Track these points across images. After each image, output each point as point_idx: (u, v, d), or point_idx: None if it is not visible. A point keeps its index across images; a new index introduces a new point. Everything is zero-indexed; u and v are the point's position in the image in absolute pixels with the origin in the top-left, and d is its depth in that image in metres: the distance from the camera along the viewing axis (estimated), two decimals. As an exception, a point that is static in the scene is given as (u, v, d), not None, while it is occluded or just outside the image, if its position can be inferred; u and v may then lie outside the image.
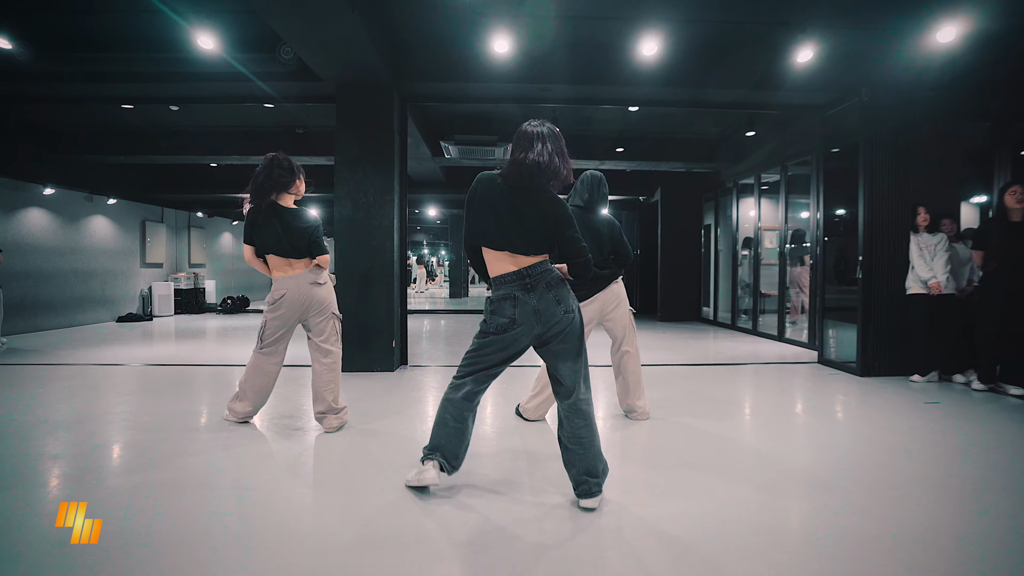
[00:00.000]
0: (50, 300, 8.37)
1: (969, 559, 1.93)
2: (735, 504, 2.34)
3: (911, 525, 2.17)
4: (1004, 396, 4.34)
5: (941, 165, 5.18)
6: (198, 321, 10.22)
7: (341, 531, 2.08)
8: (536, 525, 2.13)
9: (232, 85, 5.15)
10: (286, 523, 2.16)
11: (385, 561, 1.86)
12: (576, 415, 2.24)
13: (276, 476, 2.66)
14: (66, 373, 5.09)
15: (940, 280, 4.70)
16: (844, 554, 1.93)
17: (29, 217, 8.07)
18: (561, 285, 2.23)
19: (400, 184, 5.32)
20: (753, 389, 4.79)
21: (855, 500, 2.39)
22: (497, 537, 2.04)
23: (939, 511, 2.31)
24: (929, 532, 2.11)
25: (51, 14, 4.53)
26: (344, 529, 2.09)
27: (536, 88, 5.22)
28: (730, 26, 4.76)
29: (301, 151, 7.99)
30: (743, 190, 8.75)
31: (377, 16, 4.41)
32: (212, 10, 4.33)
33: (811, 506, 2.36)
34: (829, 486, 2.55)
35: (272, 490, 2.48)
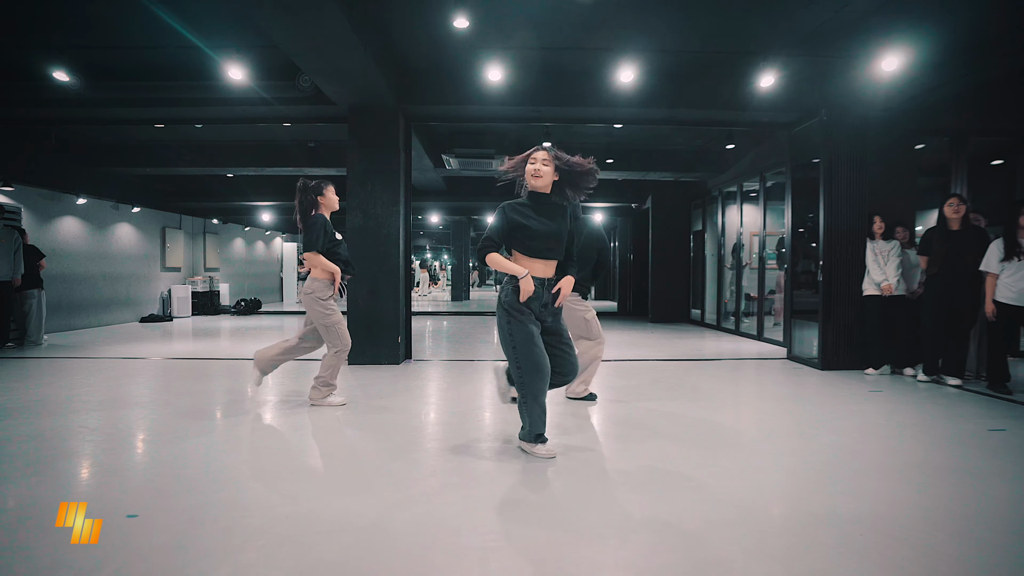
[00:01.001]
0: (82, 302, 9.01)
1: (853, 501, 2.48)
2: (672, 457, 2.90)
3: (800, 479, 2.72)
4: (944, 386, 4.85)
5: (897, 178, 5.72)
6: (214, 322, 10.84)
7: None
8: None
9: (255, 108, 5.75)
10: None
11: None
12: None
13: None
14: (104, 365, 5.70)
15: (891, 283, 5.22)
16: (737, 491, 2.49)
17: (64, 225, 8.72)
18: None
19: (405, 196, 5.91)
20: (716, 379, 5.31)
21: (767, 456, 2.95)
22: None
23: (821, 468, 2.86)
24: (811, 482, 2.66)
25: (102, 50, 5.15)
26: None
27: (527, 109, 5.81)
28: (699, 55, 5.33)
29: (313, 163, 8.60)
30: (727, 198, 9.30)
31: (385, 50, 5.01)
32: (242, 44, 4.93)
33: (733, 461, 2.91)
34: (750, 446, 3.11)
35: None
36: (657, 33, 4.90)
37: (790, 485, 2.64)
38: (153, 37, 4.88)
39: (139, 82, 5.42)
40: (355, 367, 5.56)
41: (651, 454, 3.03)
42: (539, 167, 2.82)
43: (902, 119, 5.63)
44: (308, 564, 1.85)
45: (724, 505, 2.35)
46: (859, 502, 2.40)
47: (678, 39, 5.04)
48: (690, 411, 3.98)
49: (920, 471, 2.82)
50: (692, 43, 5.12)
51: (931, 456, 3.05)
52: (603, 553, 1.96)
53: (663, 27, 4.79)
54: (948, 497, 2.48)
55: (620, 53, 5.09)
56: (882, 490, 2.56)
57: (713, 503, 2.37)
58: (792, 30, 4.75)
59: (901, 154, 5.73)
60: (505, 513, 2.28)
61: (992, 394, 4.50)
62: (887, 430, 3.56)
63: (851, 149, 5.56)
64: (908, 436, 3.43)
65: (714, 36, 5.05)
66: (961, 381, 4.85)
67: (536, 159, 2.84)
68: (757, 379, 5.38)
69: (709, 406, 4.15)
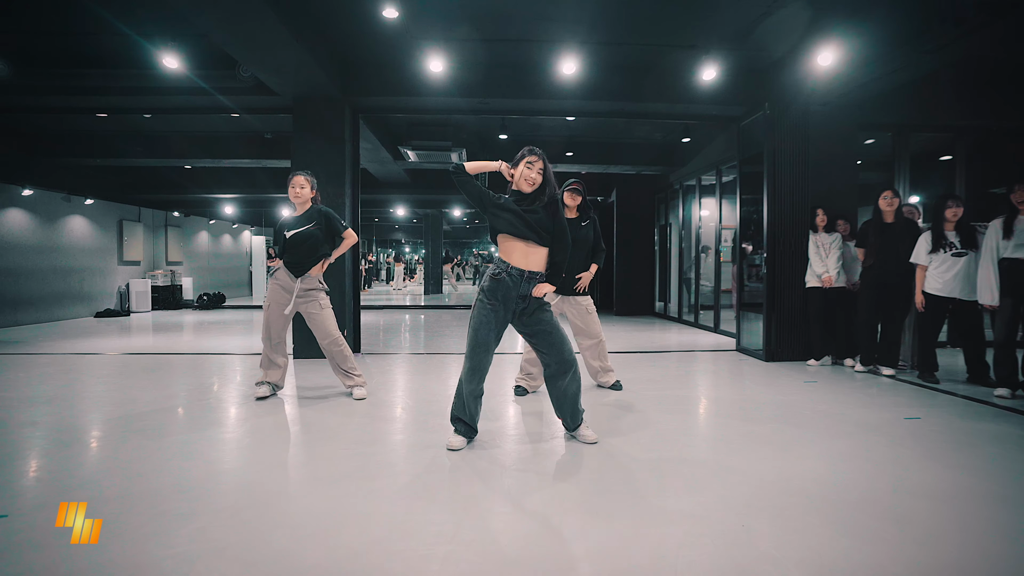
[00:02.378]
0: (29, 296, 8.79)
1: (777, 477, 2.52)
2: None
3: (702, 453, 2.77)
4: (879, 376, 4.96)
5: (839, 172, 5.80)
6: (175, 316, 10.66)
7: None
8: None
9: (198, 98, 5.63)
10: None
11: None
12: None
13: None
14: (47, 360, 5.57)
15: (831, 275, 5.31)
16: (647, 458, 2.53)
17: (9, 217, 8.48)
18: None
19: (352, 189, 5.85)
20: (658, 370, 5.36)
21: (688, 436, 3.00)
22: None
23: (741, 449, 2.91)
24: (726, 457, 2.71)
25: (34, 36, 4.99)
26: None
27: (474, 101, 5.78)
28: (642, 48, 5.34)
29: (269, 155, 8.48)
30: (688, 191, 9.38)
31: (324, 41, 4.94)
32: (176, 32, 4.82)
33: (649, 434, 2.95)
34: (672, 423, 3.15)
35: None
36: (598, 25, 4.90)
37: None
38: (84, 23, 4.75)
39: (73, 69, 5.27)
40: (298, 361, 5.51)
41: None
42: (535, 176, 2.84)
43: (842, 114, 5.71)
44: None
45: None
46: (738, 486, 2.45)
47: (619, 31, 5.05)
48: (614, 398, 4.02)
49: (817, 458, 2.89)
50: (633, 36, 5.13)
51: (833, 444, 3.12)
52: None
53: (604, 19, 4.79)
54: (825, 478, 2.54)
55: (562, 45, 5.08)
56: (769, 475, 2.62)
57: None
58: (728, 24, 4.79)
59: (843, 148, 5.82)
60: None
61: (922, 383, 4.62)
62: (804, 419, 3.63)
63: (794, 143, 5.63)
64: (821, 425, 3.50)
65: (654, 30, 5.06)
66: (895, 371, 4.97)
67: (534, 166, 2.85)
68: (698, 370, 5.45)
69: (635, 396, 4.19)
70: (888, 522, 2.16)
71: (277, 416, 3.65)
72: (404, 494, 2.41)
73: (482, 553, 1.92)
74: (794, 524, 2.13)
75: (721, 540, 2.01)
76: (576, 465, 2.78)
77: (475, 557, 1.89)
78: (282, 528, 2.09)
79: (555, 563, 1.86)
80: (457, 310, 12.07)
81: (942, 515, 2.23)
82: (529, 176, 2.82)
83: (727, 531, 2.07)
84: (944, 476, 2.65)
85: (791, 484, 2.53)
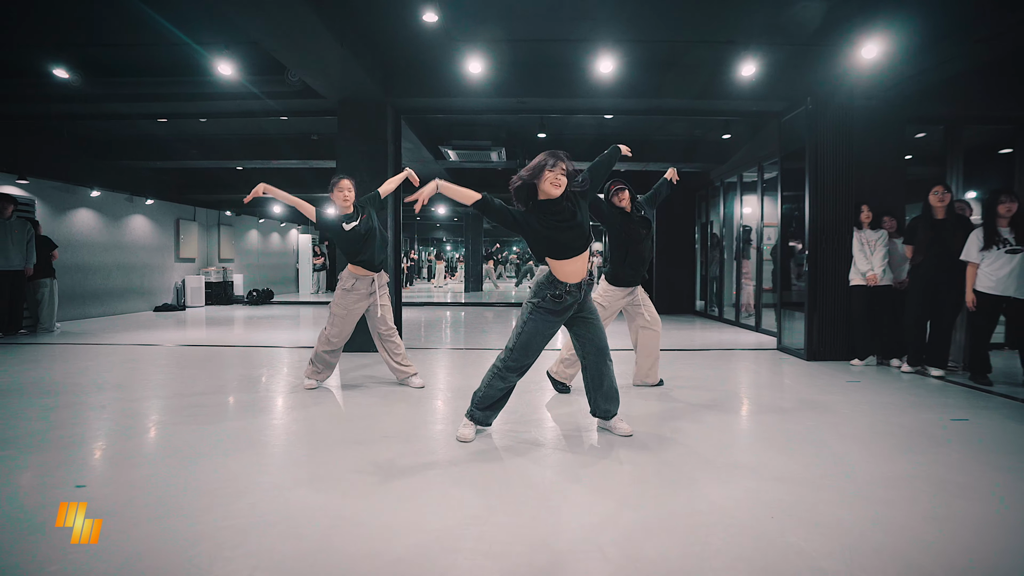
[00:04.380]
0: (96, 291, 9.40)
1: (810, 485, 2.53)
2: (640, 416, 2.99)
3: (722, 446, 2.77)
4: (927, 377, 4.81)
5: (885, 167, 5.62)
6: (227, 311, 11.18)
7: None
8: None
9: (249, 103, 5.93)
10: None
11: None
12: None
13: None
14: (114, 351, 5.98)
15: (876, 273, 5.16)
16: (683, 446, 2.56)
17: (79, 217, 9.10)
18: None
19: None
20: (699, 367, 5.33)
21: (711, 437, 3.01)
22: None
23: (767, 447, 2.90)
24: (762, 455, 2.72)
25: (100, 48, 5.37)
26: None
27: (512, 101, 5.87)
28: (680, 44, 5.32)
29: (316, 156, 8.81)
30: (729, 188, 9.22)
31: (367, 44, 5.12)
32: (230, 41, 5.09)
33: (688, 429, 2.98)
34: (710, 418, 3.17)
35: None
36: (634, 23, 4.92)
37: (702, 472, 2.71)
38: (147, 35, 5.07)
39: (137, 79, 5.64)
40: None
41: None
42: (560, 177, 2.76)
43: (888, 108, 5.53)
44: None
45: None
46: (785, 485, 2.45)
47: (656, 29, 5.05)
48: (657, 392, 4.04)
49: (856, 457, 2.85)
50: (671, 33, 5.12)
51: (874, 445, 3.07)
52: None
53: (639, 17, 4.80)
54: (864, 479, 2.52)
55: (599, 43, 5.11)
56: (806, 475, 2.61)
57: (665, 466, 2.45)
58: (768, 19, 4.72)
59: (889, 143, 5.63)
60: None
61: (974, 385, 4.46)
62: (846, 418, 3.57)
63: (837, 138, 5.49)
64: (863, 424, 3.44)
65: (692, 25, 5.04)
66: (944, 372, 4.80)
67: (558, 169, 2.76)
68: (738, 368, 5.39)
69: (675, 392, 4.20)
70: (925, 520, 2.14)
71: (324, 406, 3.83)
72: (442, 480, 2.52)
73: (513, 534, 2.01)
74: (825, 519, 2.13)
75: (749, 532, 2.03)
76: (609, 456, 2.83)
77: (507, 537, 1.98)
78: (324, 511, 2.23)
79: (584, 546, 1.93)
80: (498, 307, 12.21)
81: (982, 515, 2.19)
82: (552, 178, 2.75)
83: (755, 524, 2.10)
84: (987, 477, 2.59)
85: (824, 481, 2.52)
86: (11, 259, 6.81)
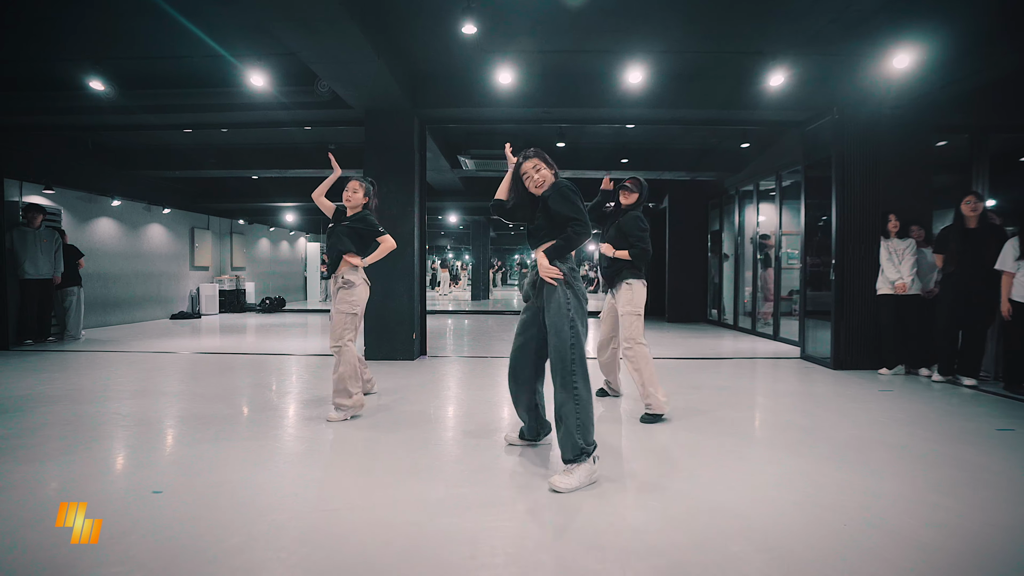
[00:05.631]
0: (116, 299, 9.43)
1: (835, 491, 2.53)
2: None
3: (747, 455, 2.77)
4: (959, 387, 4.79)
5: (912, 176, 5.64)
6: (240, 319, 11.19)
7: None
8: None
9: (275, 113, 5.97)
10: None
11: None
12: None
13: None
14: (138, 358, 5.98)
15: (905, 281, 5.16)
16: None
17: (100, 226, 9.14)
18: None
19: (420, 197, 6.07)
20: (723, 376, 5.33)
21: (772, 450, 3.00)
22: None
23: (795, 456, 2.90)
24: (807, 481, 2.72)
25: (134, 60, 5.42)
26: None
27: (538, 111, 5.91)
28: (706, 55, 5.36)
29: (331, 166, 8.81)
30: (744, 197, 9.25)
31: (399, 56, 5.17)
32: (262, 52, 5.14)
33: (723, 433, 2.98)
34: (759, 441, 3.16)
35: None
36: (661, 35, 4.96)
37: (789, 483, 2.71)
38: (181, 47, 5.12)
39: (168, 90, 5.69)
40: (371, 363, 5.74)
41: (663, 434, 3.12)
42: (535, 176, 2.74)
43: (914, 117, 5.56)
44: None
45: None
46: (870, 499, 2.45)
47: (683, 40, 5.08)
48: (699, 405, 4.04)
49: (922, 463, 2.85)
50: (698, 44, 5.15)
51: (938, 449, 3.07)
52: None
53: (667, 29, 4.84)
54: (951, 485, 2.52)
55: (626, 55, 5.15)
56: (894, 483, 2.61)
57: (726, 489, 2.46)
58: (798, 30, 4.76)
59: (916, 152, 5.65)
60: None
61: (1009, 395, 4.45)
62: (892, 426, 3.56)
63: (863, 147, 5.52)
64: (913, 432, 3.44)
65: (719, 37, 5.08)
66: (977, 382, 4.79)
67: (528, 171, 2.74)
68: (768, 378, 5.39)
69: (718, 402, 4.19)
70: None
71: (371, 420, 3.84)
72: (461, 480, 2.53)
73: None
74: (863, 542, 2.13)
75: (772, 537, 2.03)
76: (633, 459, 2.84)
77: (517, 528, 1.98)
78: (343, 507, 2.23)
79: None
80: (501, 315, 12.21)
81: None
82: (535, 181, 2.74)
83: (771, 527, 2.10)
84: (1048, 488, 2.59)
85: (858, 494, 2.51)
86: (40, 268, 6.86)
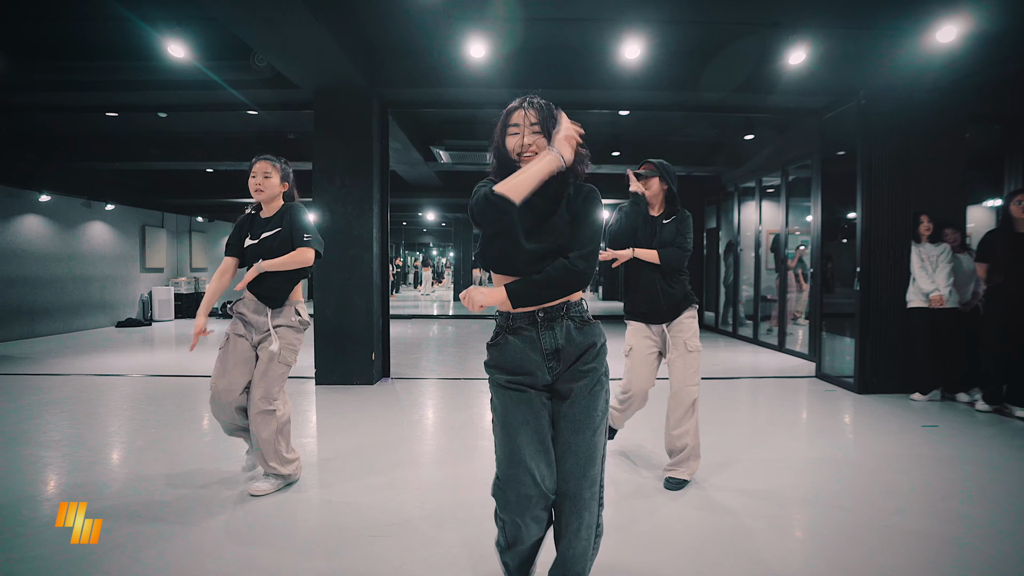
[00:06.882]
0: (47, 306, 8.41)
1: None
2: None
3: None
4: (1009, 419, 4.09)
5: (945, 171, 4.92)
6: (197, 326, 10.23)
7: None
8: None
9: (211, 93, 5.06)
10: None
11: None
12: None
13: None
14: (49, 384, 5.05)
15: (943, 293, 4.45)
16: None
17: (25, 224, 8.12)
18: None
19: (381, 192, 5.21)
20: (729, 402, 4.59)
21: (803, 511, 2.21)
22: None
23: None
24: None
25: (30, 23, 4.48)
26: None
27: (519, 92, 5.05)
28: (716, 27, 4.57)
29: (293, 156, 7.89)
30: (744, 193, 8.51)
31: (348, 23, 4.29)
32: (181, 17, 4.24)
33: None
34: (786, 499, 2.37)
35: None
36: (666, 1, 4.15)
37: None
38: (81, 8, 4.21)
39: (74, 63, 4.73)
40: (320, 389, 4.89)
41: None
42: (528, 140, 1.54)
43: (952, 102, 4.83)
44: None
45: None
46: None
47: (691, 8, 4.28)
48: (721, 454, 3.25)
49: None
50: (708, 12, 4.35)
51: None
52: None
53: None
54: None
55: (622, 24, 4.33)
56: None
57: None
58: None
59: (951, 143, 4.93)
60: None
61: (1073, 430, 3.75)
62: (956, 484, 2.81)
63: (894, 138, 4.78)
64: (989, 495, 2.68)
65: (733, 4, 4.29)
66: (1029, 411, 4.10)
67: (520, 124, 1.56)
68: (779, 406, 4.62)
69: (730, 443, 3.41)
70: None
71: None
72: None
73: None
74: None
75: None
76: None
77: None
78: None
79: None
80: (485, 320, 11.39)
81: None
82: (519, 144, 1.56)
83: None
84: None
85: None
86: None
